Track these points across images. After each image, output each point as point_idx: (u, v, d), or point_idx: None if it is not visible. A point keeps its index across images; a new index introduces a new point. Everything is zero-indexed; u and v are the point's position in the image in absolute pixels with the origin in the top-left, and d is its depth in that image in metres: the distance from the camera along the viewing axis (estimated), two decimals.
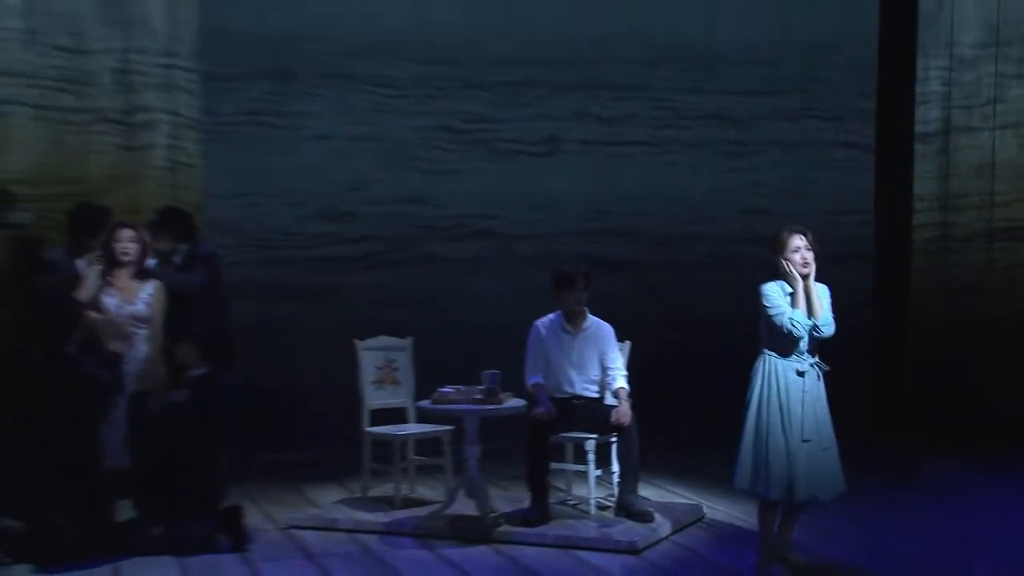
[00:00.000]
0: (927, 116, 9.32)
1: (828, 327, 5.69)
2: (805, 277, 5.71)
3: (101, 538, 6.15)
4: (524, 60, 9.17)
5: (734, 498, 6.78)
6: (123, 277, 6.53)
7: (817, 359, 5.72)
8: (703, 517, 6.91)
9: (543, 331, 6.89)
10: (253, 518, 6.61)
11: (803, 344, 5.67)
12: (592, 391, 6.88)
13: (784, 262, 5.72)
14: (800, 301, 5.68)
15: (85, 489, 6.16)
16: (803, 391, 5.64)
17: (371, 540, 6.46)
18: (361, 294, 8.83)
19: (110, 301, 6.43)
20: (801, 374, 5.65)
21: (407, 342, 7.50)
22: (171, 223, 7.07)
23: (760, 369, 5.72)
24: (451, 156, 9.12)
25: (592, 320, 6.90)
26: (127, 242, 6.58)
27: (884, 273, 9.67)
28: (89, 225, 6.78)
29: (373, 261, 9.00)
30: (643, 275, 9.27)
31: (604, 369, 6.84)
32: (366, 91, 8.95)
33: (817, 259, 5.76)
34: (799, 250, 5.72)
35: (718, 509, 7.04)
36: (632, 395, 6.77)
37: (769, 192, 9.61)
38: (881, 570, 5.93)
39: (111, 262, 6.55)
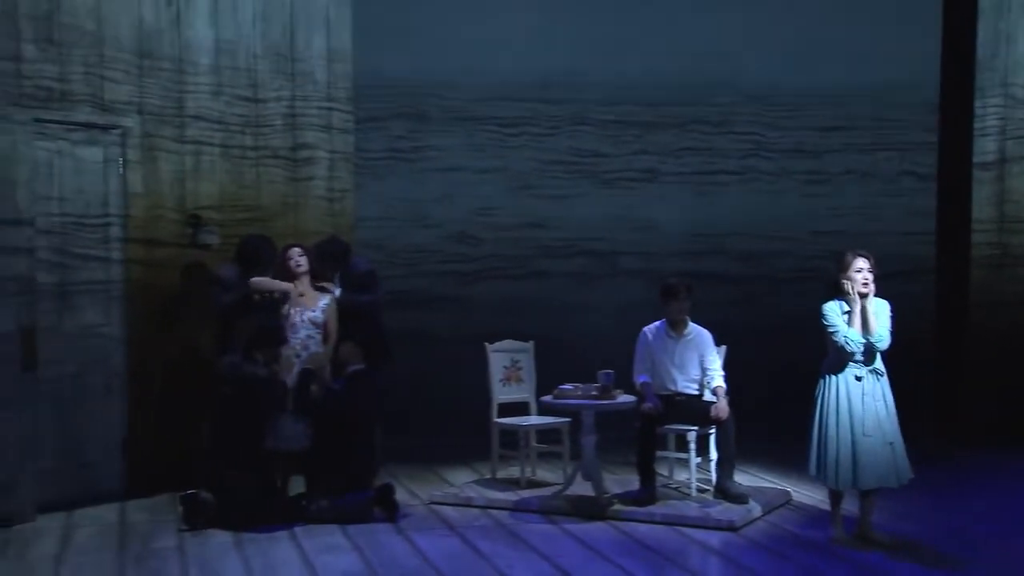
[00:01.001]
0: (984, 148, 9.18)
1: (882, 342, 5.72)
2: (864, 296, 5.71)
3: (278, 509, 6.41)
4: (627, 101, 9.25)
5: (817, 484, 6.77)
6: (302, 288, 6.74)
7: (874, 366, 5.74)
8: (790, 500, 6.91)
9: (650, 336, 6.96)
10: (400, 494, 6.74)
11: (859, 355, 5.70)
12: (693, 389, 6.92)
13: (846, 281, 5.74)
14: (856, 319, 5.70)
15: (263, 470, 6.42)
16: (863, 393, 5.69)
17: (502, 515, 6.57)
18: (486, 304, 8.96)
19: (292, 309, 6.64)
20: (859, 379, 5.70)
21: (529, 345, 7.61)
22: (330, 255, 7.11)
23: (825, 376, 5.80)
24: (564, 185, 9.23)
25: (693, 327, 6.95)
26: (298, 257, 6.83)
27: (945, 287, 9.54)
28: (254, 252, 6.96)
29: (497, 275, 9.13)
30: (733, 288, 9.28)
31: (703, 369, 6.88)
32: (490, 129, 9.11)
33: (876, 280, 5.77)
34: (862, 271, 5.74)
35: (803, 493, 7.03)
36: (728, 392, 6.81)
37: (843, 215, 9.57)
38: (947, 545, 5.91)
39: (288, 276, 6.80)
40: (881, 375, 5.76)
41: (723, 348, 7.13)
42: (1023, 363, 9.01)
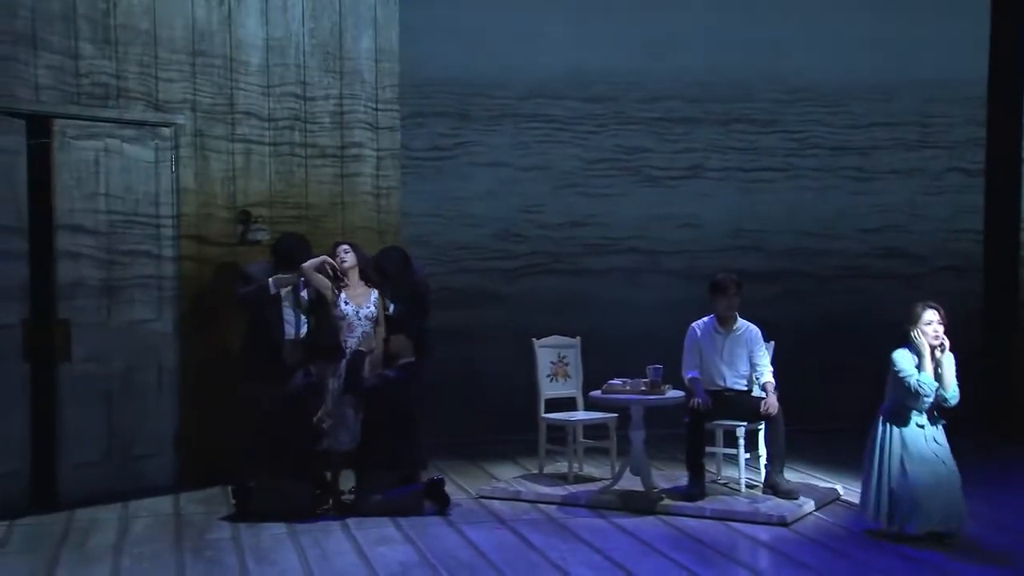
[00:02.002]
0: None
1: (954, 397, 5.75)
2: (935, 349, 5.72)
3: (330, 503, 6.50)
4: (671, 98, 9.28)
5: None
6: (353, 285, 6.81)
7: (935, 417, 5.79)
8: (839, 497, 6.88)
9: (698, 332, 6.96)
10: (447, 488, 6.73)
11: (925, 405, 5.72)
12: (741, 384, 6.93)
13: (917, 333, 5.74)
14: (927, 367, 5.70)
15: (307, 472, 6.50)
16: (925, 438, 5.72)
17: (551, 510, 6.60)
18: (531, 301, 8.99)
19: (348, 308, 6.73)
20: (921, 427, 5.73)
21: (576, 341, 7.64)
22: (389, 269, 7.03)
23: (886, 423, 5.79)
24: (607, 182, 9.27)
25: (742, 322, 6.94)
26: (344, 254, 6.88)
27: (994, 284, 9.51)
28: (287, 250, 6.95)
29: (541, 271, 9.17)
30: (777, 285, 9.27)
31: (752, 365, 6.88)
32: (534, 127, 9.15)
33: (946, 332, 5.76)
34: (932, 323, 5.74)
35: (852, 490, 6.94)
36: (777, 388, 6.79)
37: (890, 213, 9.60)
38: (1003, 542, 5.86)
39: (337, 276, 6.86)
40: (942, 422, 5.79)
41: (771, 344, 7.12)
42: None
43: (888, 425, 5.77)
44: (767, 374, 6.84)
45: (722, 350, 6.91)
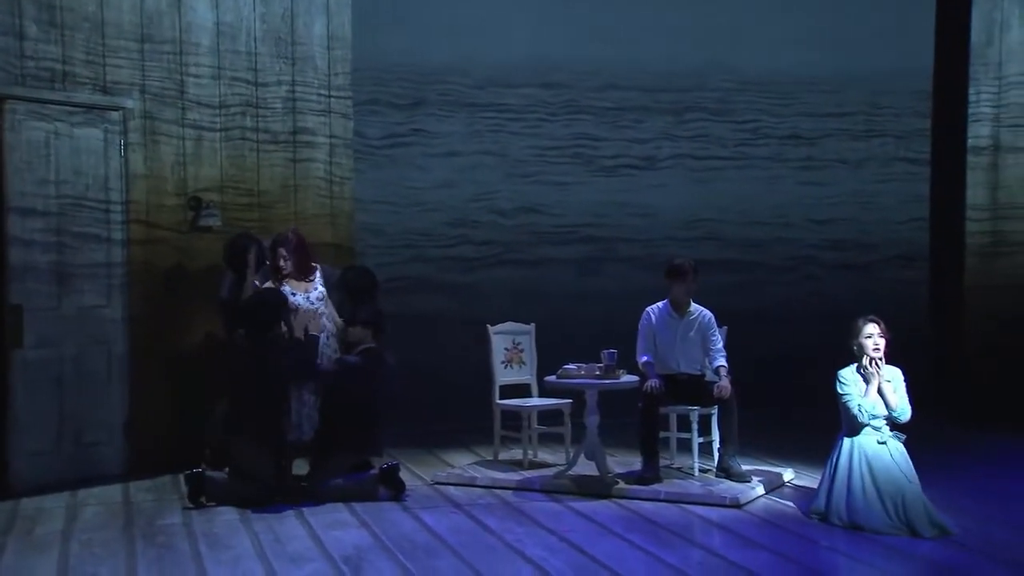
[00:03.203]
0: (978, 133, 9.32)
1: (904, 414, 5.81)
2: (875, 362, 5.80)
3: (286, 489, 6.43)
4: (625, 87, 9.34)
5: (816, 464, 6.79)
6: (294, 279, 6.79)
7: (895, 432, 5.85)
8: (790, 480, 6.95)
9: (653, 317, 6.99)
10: (402, 475, 6.67)
11: (879, 423, 5.79)
12: (695, 368, 6.97)
13: (869, 362, 5.81)
14: (872, 391, 5.79)
15: (275, 451, 6.42)
16: (890, 454, 5.76)
17: (507, 494, 6.60)
18: (485, 288, 9.00)
19: (298, 299, 6.67)
20: (882, 443, 5.79)
21: (530, 327, 7.65)
22: (357, 288, 6.98)
23: (844, 442, 5.84)
24: (561, 171, 9.30)
25: (695, 307, 6.98)
26: (282, 260, 6.82)
27: (940, 273, 9.67)
28: (241, 251, 6.90)
29: (496, 260, 9.17)
30: (729, 274, 9.35)
31: (706, 350, 6.92)
32: (489, 116, 9.15)
33: (888, 345, 5.83)
34: (872, 336, 5.82)
35: (803, 475, 7.05)
36: (730, 372, 6.83)
37: (838, 202, 9.75)
38: (967, 528, 5.84)
39: (277, 273, 6.83)
40: (902, 440, 5.85)
41: (724, 328, 7.16)
42: (1019, 348, 9.11)
43: (850, 441, 5.82)
44: (720, 358, 6.88)
45: (676, 334, 6.94)
